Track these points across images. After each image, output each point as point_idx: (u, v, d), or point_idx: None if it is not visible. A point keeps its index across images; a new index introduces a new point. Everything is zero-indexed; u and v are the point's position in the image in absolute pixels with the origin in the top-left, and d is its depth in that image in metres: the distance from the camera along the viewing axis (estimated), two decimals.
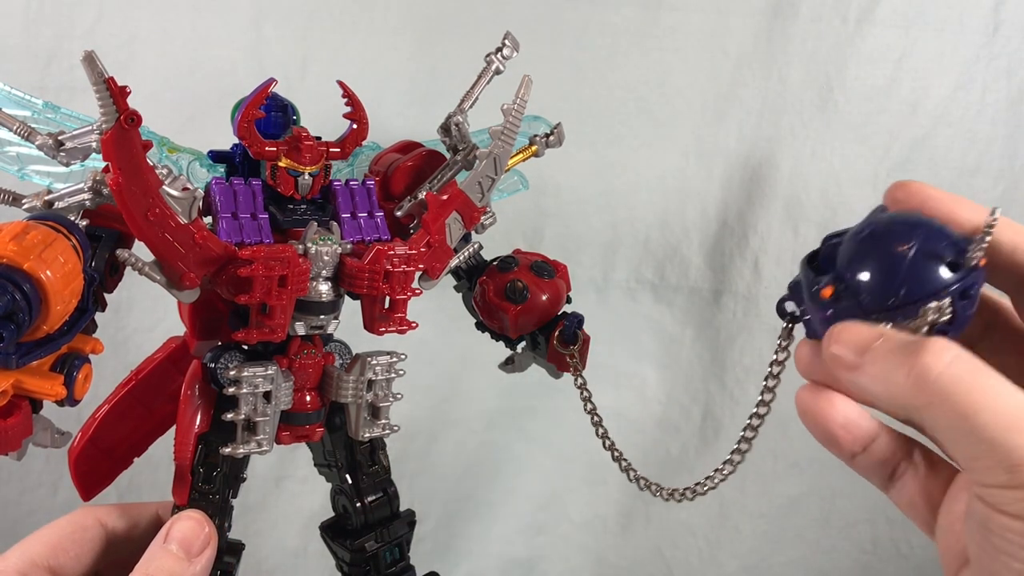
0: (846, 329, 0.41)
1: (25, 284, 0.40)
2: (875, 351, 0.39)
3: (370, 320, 0.53)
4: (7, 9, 0.81)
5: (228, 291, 0.48)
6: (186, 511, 0.50)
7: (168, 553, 0.47)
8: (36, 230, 0.43)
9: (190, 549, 0.48)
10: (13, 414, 0.43)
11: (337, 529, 0.59)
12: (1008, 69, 0.88)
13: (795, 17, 0.87)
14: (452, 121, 0.56)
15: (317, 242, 0.50)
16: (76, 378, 0.46)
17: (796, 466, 0.97)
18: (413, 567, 0.59)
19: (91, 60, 0.41)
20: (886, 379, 0.38)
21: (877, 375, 0.39)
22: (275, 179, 0.50)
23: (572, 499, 0.98)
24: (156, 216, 0.45)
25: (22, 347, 0.42)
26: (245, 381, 0.49)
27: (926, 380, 0.36)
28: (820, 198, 0.90)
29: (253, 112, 0.49)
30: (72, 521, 0.51)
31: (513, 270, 0.57)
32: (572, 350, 0.57)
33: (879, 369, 0.39)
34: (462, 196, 0.54)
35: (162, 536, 0.48)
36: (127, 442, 0.58)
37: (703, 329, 0.95)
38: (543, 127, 0.61)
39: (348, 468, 0.57)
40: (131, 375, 0.57)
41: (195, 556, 0.48)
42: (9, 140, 0.49)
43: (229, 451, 0.50)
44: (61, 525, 0.51)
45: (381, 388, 0.54)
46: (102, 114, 0.42)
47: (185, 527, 0.48)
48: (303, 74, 0.84)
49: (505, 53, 0.57)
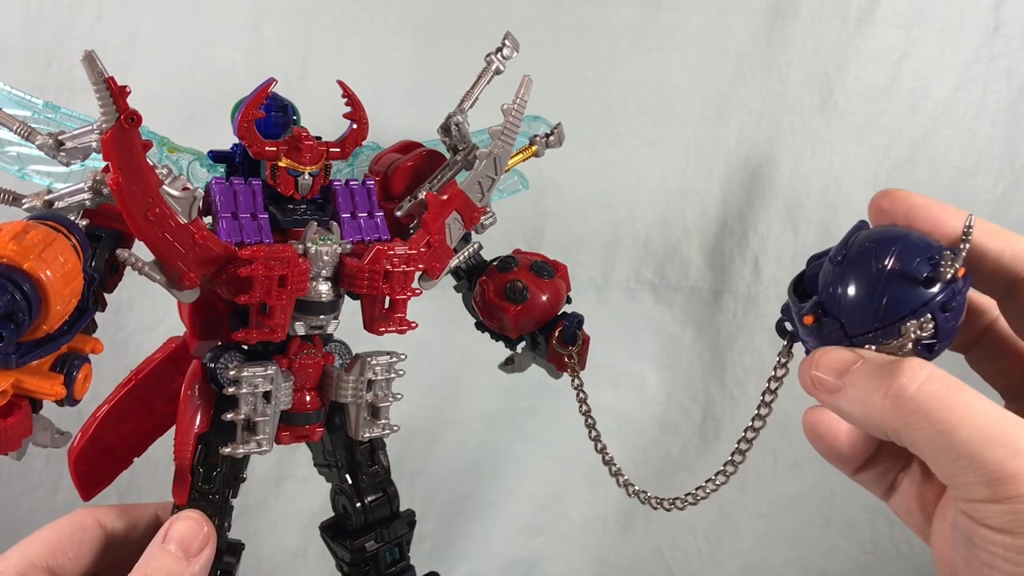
0: (826, 353, 0.42)
1: (25, 284, 0.40)
2: (853, 374, 0.40)
3: (370, 320, 0.53)
4: (7, 9, 0.81)
5: (228, 291, 0.48)
6: (185, 511, 0.50)
7: (167, 553, 0.47)
8: (36, 230, 0.43)
9: (189, 549, 0.48)
10: (13, 414, 0.43)
11: (337, 529, 0.59)
12: (1008, 69, 0.88)
13: (795, 17, 0.87)
14: (452, 121, 0.56)
15: (317, 242, 0.50)
16: (76, 378, 0.46)
17: (796, 466, 0.97)
18: (413, 567, 0.59)
19: (91, 60, 0.41)
20: (864, 401, 0.39)
21: (856, 398, 0.39)
22: (275, 179, 0.50)
23: (572, 499, 0.98)
24: (156, 216, 0.44)
25: (22, 347, 0.42)
26: (245, 381, 0.49)
27: (902, 400, 0.37)
28: (820, 198, 0.90)
29: (253, 112, 0.49)
30: (71, 522, 0.51)
31: (513, 270, 0.57)
32: (571, 350, 0.57)
33: (858, 392, 0.39)
34: (462, 196, 0.54)
35: (161, 536, 0.48)
36: (127, 442, 0.57)
37: (703, 329, 0.95)
38: (543, 127, 0.61)
39: (348, 468, 0.57)
40: (131, 375, 0.57)
41: (194, 556, 0.48)
42: (9, 140, 0.49)
43: (229, 451, 0.50)
44: (60, 526, 0.51)
45: (381, 388, 0.54)
46: (102, 114, 0.42)
47: (184, 527, 0.48)
48: (303, 74, 0.84)
49: (505, 53, 0.57)
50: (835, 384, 0.41)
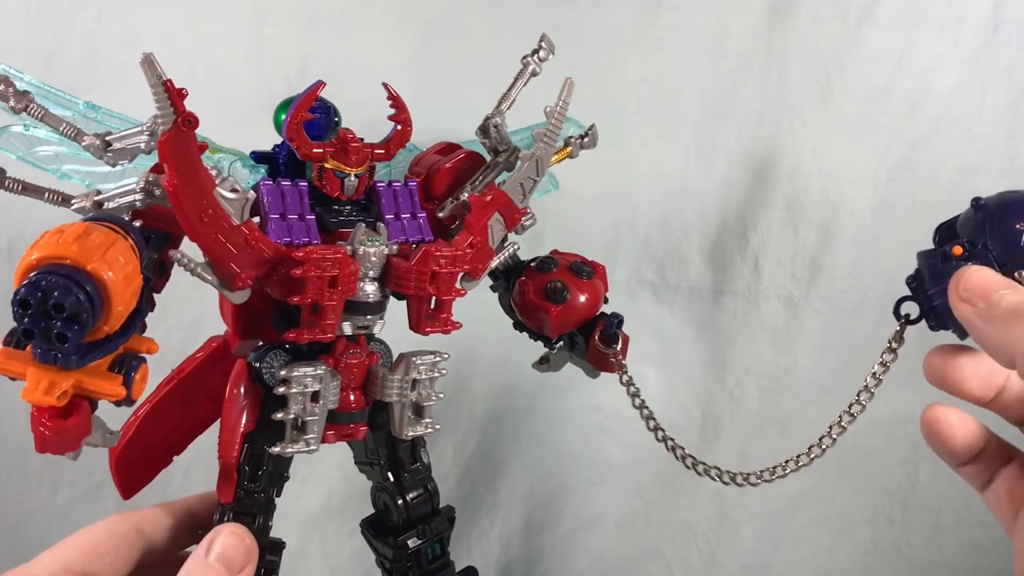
0: (974, 272, 0.44)
1: (88, 285, 0.40)
2: (1004, 299, 0.42)
3: (416, 320, 0.54)
4: (7, 9, 0.81)
5: (280, 292, 0.49)
6: (227, 525, 0.50)
7: (210, 568, 0.47)
8: (97, 231, 0.43)
9: (232, 565, 0.48)
10: (73, 414, 0.43)
11: (379, 526, 0.60)
12: (1008, 69, 0.88)
13: (795, 17, 0.87)
14: (491, 123, 0.57)
15: (365, 243, 0.50)
16: (134, 378, 0.46)
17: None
18: (453, 563, 0.60)
19: (150, 63, 0.41)
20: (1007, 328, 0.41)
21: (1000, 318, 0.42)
22: (321, 180, 0.51)
23: (572, 499, 0.98)
24: (210, 217, 0.45)
25: (82, 347, 0.42)
26: (295, 381, 0.50)
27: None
28: (820, 198, 0.90)
29: (302, 114, 0.49)
30: (107, 527, 0.51)
31: (552, 271, 0.58)
32: (615, 349, 0.58)
33: (1003, 315, 0.42)
34: (504, 197, 0.55)
35: (203, 550, 0.48)
36: (167, 441, 0.58)
37: (703, 329, 0.95)
38: (574, 128, 0.62)
39: (390, 466, 0.58)
40: (172, 374, 0.57)
41: (237, 573, 0.48)
42: (40, 139, 0.49)
43: (278, 450, 0.50)
44: (96, 530, 0.51)
45: (425, 387, 0.55)
46: (159, 116, 0.42)
47: (227, 542, 0.48)
48: (303, 74, 0.84)
49: (541, 55, 0.58)
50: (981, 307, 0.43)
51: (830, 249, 0.90)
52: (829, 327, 0.92)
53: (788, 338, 0.93)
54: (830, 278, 0.91)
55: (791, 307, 0.92)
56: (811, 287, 0.91)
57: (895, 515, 0.98)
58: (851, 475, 0.97)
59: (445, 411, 0.95)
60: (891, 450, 0.96)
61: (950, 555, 0.98)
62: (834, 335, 0.92)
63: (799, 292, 0.92)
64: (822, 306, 0.92)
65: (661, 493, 0.98)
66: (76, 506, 0.90)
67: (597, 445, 0.96)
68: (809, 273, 0.91)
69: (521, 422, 0.96)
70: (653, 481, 0.97)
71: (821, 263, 0.91)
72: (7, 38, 0.81)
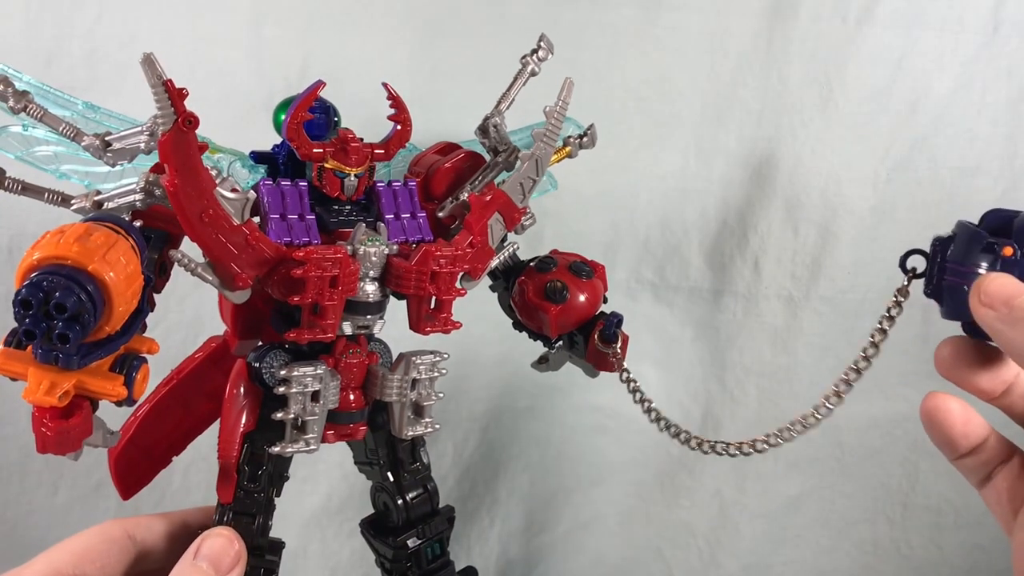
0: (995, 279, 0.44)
1: (89, 285, 0.41)
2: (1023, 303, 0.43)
3: (416, 320, 0.54)
4: (7, 9, 0.81)
5: (280, 292, 0.49)
6: (216, 528, 0.50)
7: (198, 570, 0.47)
8: (99, 232, 0.43)
9: (220, 566, 0.48)
10: (74, 414, 0.43)
11: (378, 526, 0.60)
12: (1008, 69, 0.88)
13: (795, 17, 0.87)
14: (490, 123, 0.57)
15: (366, 243, 0.50)
16: (135, 378, 0.46)
17: (796, 466, 0.97)
18: (452, 563, 0.60)
19: (150, 63, 0.41)
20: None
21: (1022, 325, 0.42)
22: (321, 180, 0.51)
23: (572, 499, 0.98)
24: (211, 217, 0.45)
25: (83, 348, 0.42)
26: (295, 381, 0.50)
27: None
28: (820, 198, 0.90)
29: (302, 114, 0.49)
30: (100, 532, 0.51)
31: (552, 270, 0.58)
32: (615, 348, 0.58)
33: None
34: (504, 197, 0.55)
35: (192, 552, 0.48)
36: (166, 441, 0.58)
37: (703, 329, 0.95)
38: (574, 128, 0.62)
39: (390, 465, 0.58)
40: (172, 374, 0.57)
41: (225, 574, 0.48)
42: (39, 139, 0.49)
43: (279, 450, 0.50)
44: (89, 535, 0.51)
45: (424, 387, 0.55)
46: (159, 116, 0.42)
47: (215, 544, 0.48)
48: (303, 74, 0.84)
49: (540, 55, 0.58)
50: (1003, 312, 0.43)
51: (830, 249, 0.90)
52: (829, 327, 0.92)
53: (788, 338, 0.93)
54: (830, 278, 0.91)
55: (791, 307, 0.92)
56: (811, 287, 0.91)
57: (895, 515, 0.98)
58: (851, 475, 0.97)
59: (445, 411, 0.95)
60: (891, 450, 0.96)
61: (950, 555, 0.98)
62: (834, 335, 0.92)
63: (799, 292, 0.92)
64: (822, 306, 0.92)
65: (661, 493, 0.98)
66: (76, 506, 0.90)
67: (597, 445, 0.96)
68: (809, 273, 0.91)
69: (521, 422, 0.96)
70: (653, 481, 0.97)
71: (821, 263, 0.91)
72: (7, 38, 0.81)
